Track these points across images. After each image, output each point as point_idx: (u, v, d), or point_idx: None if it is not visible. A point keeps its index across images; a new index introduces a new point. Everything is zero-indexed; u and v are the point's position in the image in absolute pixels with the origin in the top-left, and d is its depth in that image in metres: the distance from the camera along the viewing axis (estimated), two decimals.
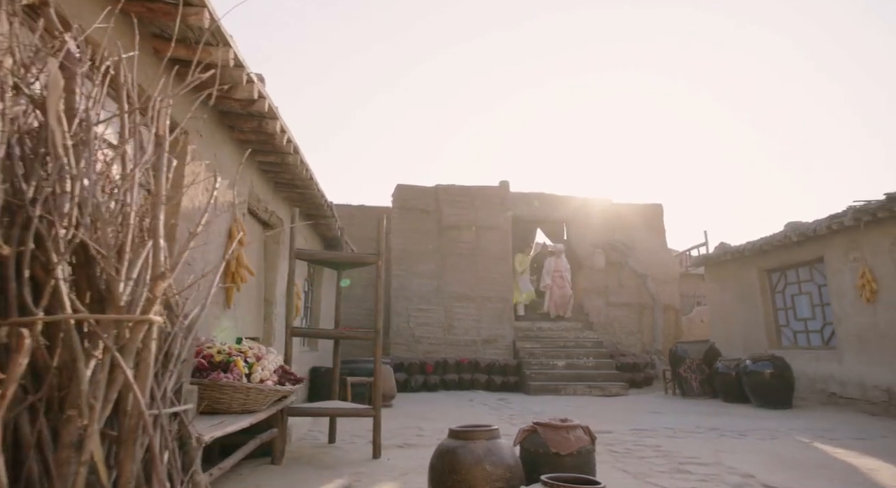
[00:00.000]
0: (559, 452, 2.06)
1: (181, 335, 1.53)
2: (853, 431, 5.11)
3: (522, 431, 2.28)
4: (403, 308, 10.00)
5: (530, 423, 2.26)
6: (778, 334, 8.28)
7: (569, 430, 2.15)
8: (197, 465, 1.46)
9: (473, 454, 1.89)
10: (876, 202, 5.95)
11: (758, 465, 3.51)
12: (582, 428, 2.23)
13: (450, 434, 2.05)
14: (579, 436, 2.15)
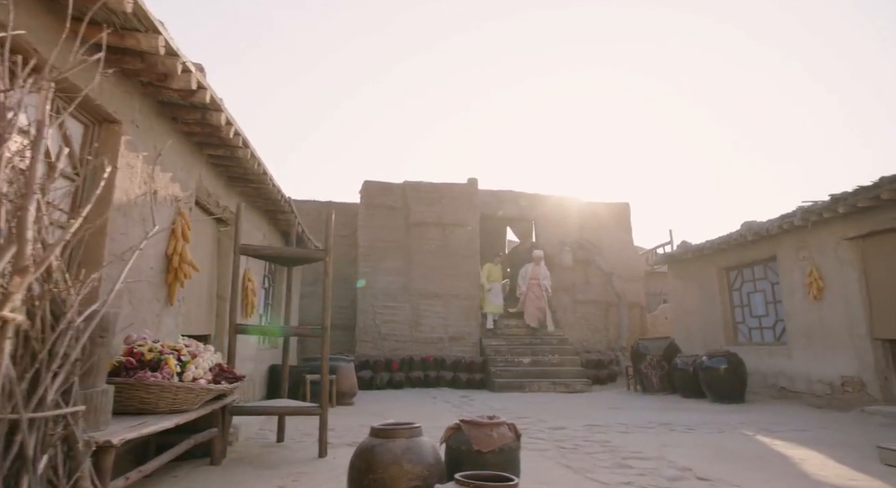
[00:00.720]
0: (481, 450, 2.06)
1: (71, 333, 1.46)
2: (796, 423, 5.29)
3: (448, 429, 2.27)
4: (370, 305, 9.93)
5: (455, 421, 2.26)
6: (734, 331, 8.52)
7: (492, 428, 2.15)
8: (84, 471, 1.39)
9: (391, 452, 1.87)
10: (822, 203, 6.16)
11: (698, 459, 3.59)
12: (507, 426, 2.24)
13: (371, 432, 2.03)
14: (503, 434, 2.15)
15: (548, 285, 10.39)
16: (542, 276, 10.38)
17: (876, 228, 5.92)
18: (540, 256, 10.48)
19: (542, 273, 10.41)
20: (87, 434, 1.61)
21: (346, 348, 10.31)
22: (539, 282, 10.32)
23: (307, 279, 10.96)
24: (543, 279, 10.36)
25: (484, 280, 10.46)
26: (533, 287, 10.39)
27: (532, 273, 10.45)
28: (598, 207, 11.84)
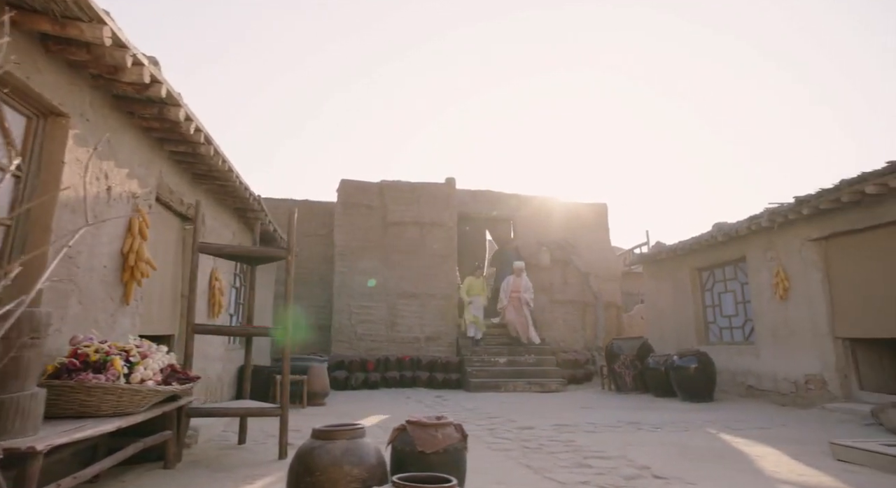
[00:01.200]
0: (425, 450, 2.03)
1: None
2: (759, 421, 5.38)
3: (394, 430, 2.24)
4: (345, 305, 9.85)
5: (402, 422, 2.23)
6: (706, 330, 8.65)
7: (437, 428, 2.13)
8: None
9: (331, 454, 1.83)
10: (787, 205, 6.28)
11: (658, 457, 3.62)
12: (454, 426, 2.22)
13: (312, 434, 1.99)
14: (448, 434, 2.14)
15: (529, 298, 9.86)
16: (524, 288, 9.86)
17: (837, 230, 6.06)
18: (521, 267, 10.00)
19: (524, 285, 9.91)
20: (8, 440, 1.54)
21: (322, 348, 10.21)
22: (520, 295, 9.80)
23: (282, 278, 10.82)
24: (525, 291, 9.83)
25: (464, 294, 10.03)
26: (513, 300, 9.86)
27: (513, 285, 9.95)
28: (576, 208, 11.93)
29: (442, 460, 2.01)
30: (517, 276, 9.94)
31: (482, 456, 3.67)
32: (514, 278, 9.96)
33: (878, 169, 5.05)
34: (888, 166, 4.95)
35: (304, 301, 10.88)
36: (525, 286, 9.93)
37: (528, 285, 10.01)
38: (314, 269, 10.97)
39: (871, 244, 5.78)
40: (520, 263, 10.07)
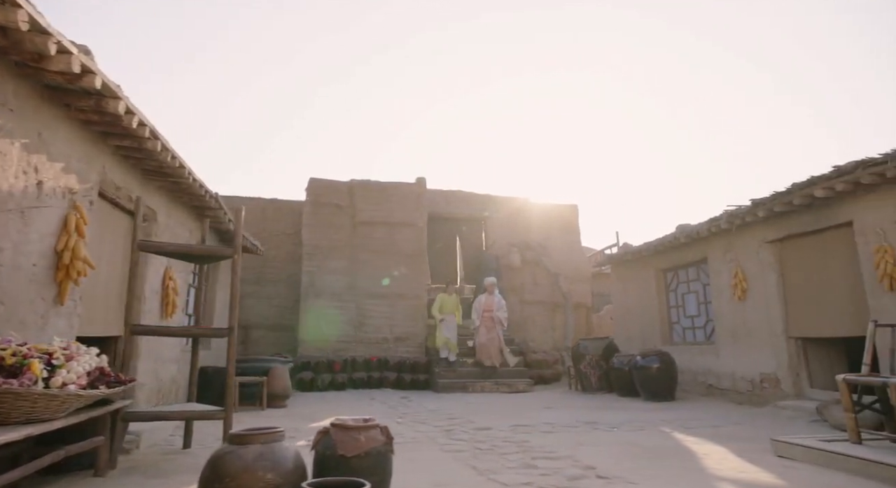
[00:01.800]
0: (345, 454, 1.99)
1: None
2: (714, 420, 5.47)
3: (318, 433, 2.19)
4: (313, 305, 9.71)
5: (326, 424, 2.17)
6: (670, 330, 8.78)
7: (361, 431, 2.08)
8: None
9: (242, 459, 1.77)
10: (745, 207, 6.41)
11: (607, 457, 3.64)
12: (379, 428, 2.17)
13: (227, 438, 1.92)
14: (372, 437, 2.09)
15: (503, 317, 9.14)
16: (497, 306, 9.16)
17: (792, 232, 6.21)
18: (492, 283, 9.35)
19: (497, 303, 9.21)
20: None
21: (290, 349, 10.05)
22: (493, 314, 9.10)
23: (249, 278, 10.64)
24: (498, 310, 9.14)
25: (436, 311, 9.40)
26: (486, 320, 9.14)
27: (485, 304, 9.23)
28: (547, 209, 12.01)
29: (364, 464, 1.96)
30: (489, 294, 9.31)
31: (431, 458, 3.64)
32: (486, 296, 9.34)
33: (826, 173, 5.19)
34: (834, 170, 5.08)
35: (272, 301, 10.71)
36: (498, 304, 9.24)
37: (501, 303, 9.30)
38: (282, 269, 10.80)
39: (821, 246, 5.94)
40: (491, 279, 9.46)
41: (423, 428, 5.00)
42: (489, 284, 9.37)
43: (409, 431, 4.81)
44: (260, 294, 10.64)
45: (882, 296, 5.06)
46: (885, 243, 5.02)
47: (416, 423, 5.29)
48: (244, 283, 10.58)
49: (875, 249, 5.10)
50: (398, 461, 3.51)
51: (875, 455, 3.17)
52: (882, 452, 3.27)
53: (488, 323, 9.12)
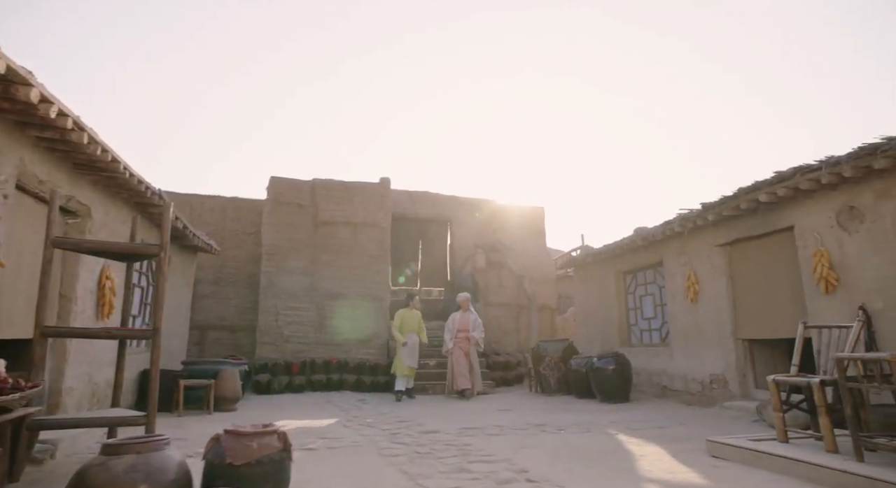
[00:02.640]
0: (233, 462, 1.89)
1: None
2: (661, 421, 5.53)
3: (210, 440, 2.09)
4: (272, 305, 9.50)
5: (219, 431, 2.08)
6: (628, 332, 8.88)
7: (254, 438, 2.00)
8: None
9: (110, 471, 1.66)
10: (696, 211, 6.52)
11: (543, 460, 3.62)
12: (276, 435, 2.08)
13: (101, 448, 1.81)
14: (266, 444, 2.00)
15: (479, 338, 8.14)
16: (473, 326, 8.17)
17: (740, 236, 6.34)
18: (466, 299, 8.41)
19: (472, 321, 8.22)
20: None
21: (248, 351, 9.81)
22: (468, 334, 8.10)
23: (207, 278, 10.36)
24: (474, 330, 8.14)
25: (396, 330, 8.03)
26: (461, 341, 8.08)
27: (460, 323, 8.19)
28: (513, 211, 12.04)
29: (255, 472, 1.87)
30: (464, 311, 8.29)
31: (364, 463, 3.55)
32: (461, 314, 8.27)
33: (768, 178, 5.31)
34: (776, 176, 5.20)
35: (231, 301, 10.45)
36: (474, 323, 8.20)
37: (477, 322, 8.27)
38: (242, 269, 10.55)
39: (766, 249, 6.08)
40: (464, 295, 8.52)
41: (368, 431, 4.91)
42: (463, 300, 8.37)
43: (353, 434, 4.71)
44: (218, 294, 10.37)
45: (818, 298, 5.20)
46: (822, 247, 5.16)
47: (364, 426, 5.19)
48: (202, 284, 10.30)
49: (813, 253, 5.24)
50: (328, 466, 3.43)
51: (797, 453, 3.23)
52: (805, 450, 3.33)
53: (463, 345, 8.08)
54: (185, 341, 8.22)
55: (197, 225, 10.37)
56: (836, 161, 4.58)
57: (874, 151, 4.22)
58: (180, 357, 7.82)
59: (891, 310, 4.52)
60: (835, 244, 5.08)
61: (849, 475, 2.79)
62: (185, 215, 10.34)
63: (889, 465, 2.95)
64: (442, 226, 11.69)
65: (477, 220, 11.53)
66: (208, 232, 10.39)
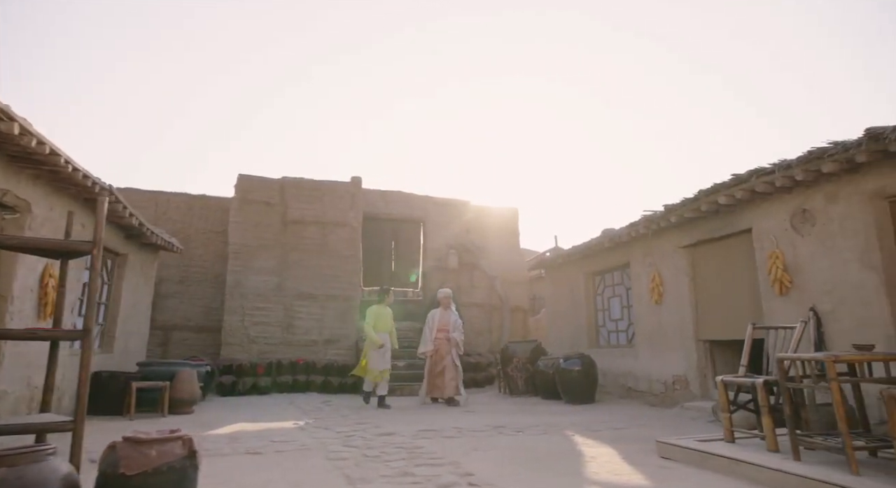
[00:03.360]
0: (126, 472, 1.80)
1: None
2: (622, 421, 5.54)
3: (107, 448, 1.99)
4: (239, 305, 9.31)
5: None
6: (597, 334, 8.93)
7: (153, 445, 1.90)
8: None
9: None
10: (659, 213, 6.57)
11: (492, 463, 3.57)
12: (181, 441, 1.99)
13: None
14: (167, 451, 1.91)
15: (460, 339, 7.38)
16: (453, 326, 7.43)
17: (702, 238, 6.41)
18: (448, 296, 7.70)
19: (453, 321, 7.48)
20: None
21: (214, 351, 9.60)
22: (448, 335, 7.36)
23: (173, 277, 10.12)
24: (454, 331, 7.38)
25: (370, 329, 7.01)
26: (441, 343, 7.31)
27: (440, 321, 7.46)
28: (487, 211, 12.03)
29: (150, 482, 1.78)
30: (444, 309, 7.56)
31: (308, 467, 3.46)
32: (441, 311, 7.56)
33: (726, 181, 5.37)
34: (733, 179, 5.26)
35: (197, 301, 10.21)
36: (454, 323, 7.45)
37: (458, 322, 7.52)
38: (209, 268, 10.32)
39: (727, 251, 6.16)
40: (446, 291, 7.85)
41: (323, 433, 4.80)
42: (443, 297, 7.67)
43: (307, 437, 4.60)
44: (184, 294, 10.12)
45: (773, 299, 5.27)
46: (777, 249, 5.24)
47: (320, 429, 5.08)
48: (167, 283, 10.06)
49: (768, 255, 5.31)
50: (268, 472, 3.32)
51: (740, 453, 3.24)
52: (748, 450, 3.35)
53: (443, 347, 7.31)
54: (145, 341, 7.99)
55: (162, 223, 10.13)
56: (787, 164, 4.65)
57: (822, 155, 4.29)
58: (139, 357, 7.59)
59: (839, 311, 4.60)
60: (789, 246, 5.16)
61: (783, 474, 2.80)
62: (149, 213, 10.12)
63: (825, 463, 2.97)
64: (415, 226, 11.61)
65: (451, 221, 11.48)
66: (174, 230, 10.16)
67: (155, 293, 9.82)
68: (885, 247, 4.29)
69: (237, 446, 4.11)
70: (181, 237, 10.21)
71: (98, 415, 5.72)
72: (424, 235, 11.53)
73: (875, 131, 3.80)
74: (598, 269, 8.85)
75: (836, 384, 2.82)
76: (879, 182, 4.29)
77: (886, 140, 3.73)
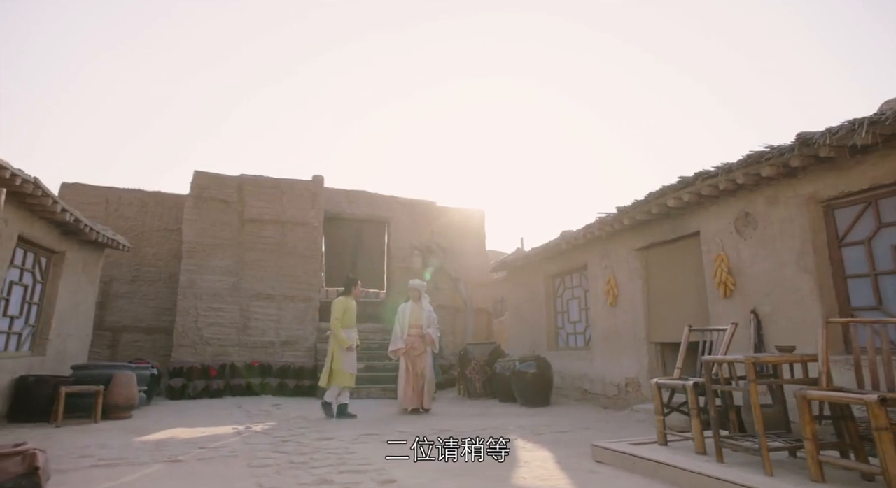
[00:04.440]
0: None
1: None
2: (569, 424, 5.50)
3: None
4: (192, 306, 9.01)
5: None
6: (556, 336, 8.91)
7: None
8: None
9: None
10: (613, 215, 6.57)
11: (418, 469, 3.45)
12: (21, 456, 1.82)
13: None
14: (2, 469, 1.74)
15: (435, 336, 6.72)
16: (426, 321, 6.73)
17: (655, 240, 6.43)
18: (420, 287, 7.02)
19: (426, 316, 6.77)
20: None
21: (166, 353, 9.27)
22: (422, 331, 6.68)
23: (124, 277, 9.76)
24: (429, 325, 6.71)
25: (338, 324, 6.12)
26: (414, 341, 6.60)
27: (412, 316, 6.72)
28: (452, 213, 11.95)
29: None
30: (415, 301, 6.88)
31: (225, 476, 3.30)
32: (412, 305, 6.86)
33: (673, 183, 5.38)
34: (680, 182, 5.28)
35: (149, 301, 9.86)
36: (428, 317, 6.77)
37: (432, 316, 6.83)
38: (163, 268, 9.98)
39: (677, 254, 6.19)
40: (416, 281, 7.17)
41: (258, 439, 4.63)
42: (413, 289, 6.97)
43: (239, 443, 4.43)
44: (135, 294, 9.76)
45: (718, 302, 5.30)
46: (722, 252, 5.27)
47: (258, 434, 4.90)
48: (117, 282, 9.69)
49: (714, 257, 5.35)
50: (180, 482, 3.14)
51: (666, 456, 3.21)
52: (677, 453, 3.32)
53: (417, 345, 6.59)
54: (87, 343, 7.64)
55: (114, 220, 9.76)
56: (729, 167, 4.67)
57: (760, 159, 4.32)
58: (79, 360, 7.25)
59: (777, 313, 4.64)
60: (733, 249, 5.20)
61: (700, 476, 2.77)
62: (100, 210, 9.75)
63: (746, 464, 2.95)
64: (380, 226, 11.46)
65: (416, 222, 11.37)
66: (126, 227, 9.81)
67: (104, 293, 9.48)
68: (818, 250, 4.34)
69: (160, 454, 3.91)
70: (134, 235, 9.87)
71: (22, 423, 5.41)
72: (389, 236, 11.38)
73: (805, 136, 3.83)
74: (557, 271, 8.84)
75: (755, 386, 2.80)
76: (814, 186, 4.34)
77: (816, 145, 3.77)
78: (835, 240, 4.33)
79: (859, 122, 3.43)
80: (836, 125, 3.63)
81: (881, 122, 3.29)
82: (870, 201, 4.04)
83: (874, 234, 4.02)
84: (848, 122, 3.52)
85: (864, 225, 4.12)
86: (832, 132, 3.63)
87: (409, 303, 7.00)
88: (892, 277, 3.89)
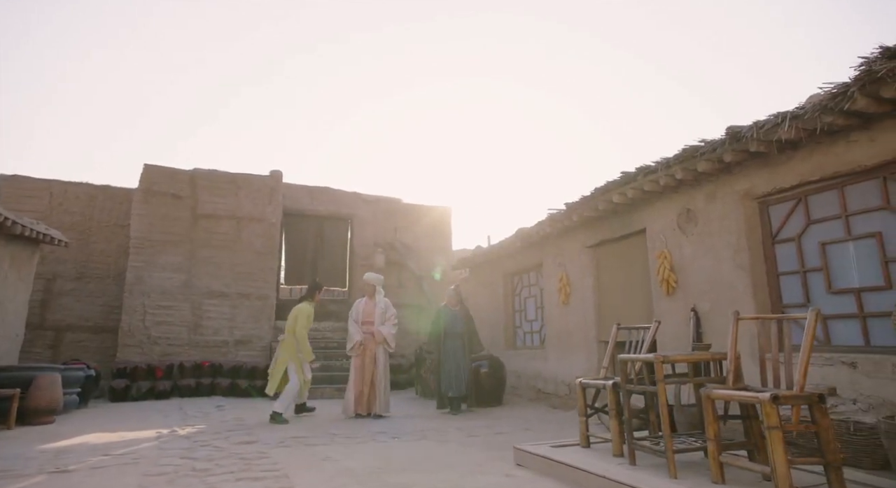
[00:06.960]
0: None
1: None
2: (510, 426, 5.36)
3: None
4: (139, 304, 8.69)
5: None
6: (514, 335, 8.79)
7: None
8: None
9: None
10: (561, 211, 6.46)
11: (326, 476, 3.28)
12: None
13: None
14: None
15: (388, 334, 6.28)
16: (380, 318, 6.30)
17: (605, 238, 6.33)
18: (373, 281, 6.57)
19: (380, 312, 6.34)
20: None
21: (113, 353, 8.93)
22: (373, 328, 6.23)
23: (69, 274, 9.37)
24: (383, 322, 6.31)
25: (305, 337, 5.99)
26: (366, 340, 6.17)
27: (364, 313, 6.31)
28: (418, 210, 11.77)
29: None
30: (370, 297, 6.46)
31: (117, 485, 3.07)
32: (366, 301, 6.43)
33: (617, 179, 5.28)
34: (623, 177, 5.18)
35: (97, 299, 9.49)
36: (382, 313, 6.34)
37: (388, 312, 6.42)
38: (112, 264, 9.62)
39: (625, 252, 6.10)
40: (372, 275, 6.72)
41: (174, 443, 4.39)
42: (367, 282, 6.58)
43: (151, 448, 4.18)
44: (81, 291, 9.39)
45: (661, 299, 5.22)
46: (666, 249, 5.18)
47: (179, 438, 4.66)
48: (61, 279, 9.31)
49: (657, 254, 5.26)
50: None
51: (578, 460, 3.07)
52: (593, 456, 3.19)
53: (369, 345, 6.16)
54: (18, 343, 7.28)
55: (58, 214, 9.39)
56: (667, 163, 4.58)
57: (696, 154, 4.23)
58: (7, 362, 6.90)
59: (715, 311, 4.56)
60: (676, 246, 5.11)
61: (606, 480, 2.64)
62: (42, 203, 9.36)
63: (656, 467, 2.83)
64: (343, 223, 11.23)
65: (380, 219, 11.17)
66: (72, 222, 9.44)
67: (46, 290, 9.10)
68: (753, 247, 4.27)
69: (52, 464, 3.62)
70: (81, 230, 9.51)
71: None
72: (352, 233, 11.16)
73: (735, 130, 3.74)
74: (516, 270, 8.72)
75: (662, 386, 2.68)
76: (749, 182, 4.27)
77: (745, 139, 3.68)
78: (769, 237, 4.26)
79: (782, 115, 3.34)
80: (762, 119, 3.54)
81: (801, 116, 3.20)
82: (800, 197, 3.97)
83: (804, 231, 3.95)
84: (772, 116, 3.44)
85: (795, 221, 4.05)
86: (759, 126, 3.55)
87: (362, 298, 6.65)
88: (819, 274, 3.82)
